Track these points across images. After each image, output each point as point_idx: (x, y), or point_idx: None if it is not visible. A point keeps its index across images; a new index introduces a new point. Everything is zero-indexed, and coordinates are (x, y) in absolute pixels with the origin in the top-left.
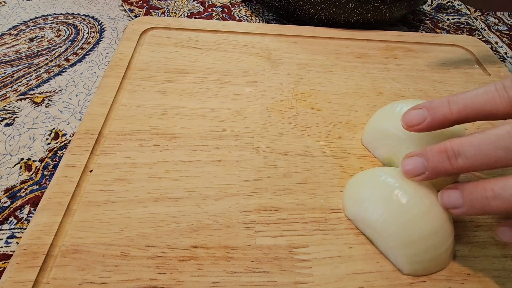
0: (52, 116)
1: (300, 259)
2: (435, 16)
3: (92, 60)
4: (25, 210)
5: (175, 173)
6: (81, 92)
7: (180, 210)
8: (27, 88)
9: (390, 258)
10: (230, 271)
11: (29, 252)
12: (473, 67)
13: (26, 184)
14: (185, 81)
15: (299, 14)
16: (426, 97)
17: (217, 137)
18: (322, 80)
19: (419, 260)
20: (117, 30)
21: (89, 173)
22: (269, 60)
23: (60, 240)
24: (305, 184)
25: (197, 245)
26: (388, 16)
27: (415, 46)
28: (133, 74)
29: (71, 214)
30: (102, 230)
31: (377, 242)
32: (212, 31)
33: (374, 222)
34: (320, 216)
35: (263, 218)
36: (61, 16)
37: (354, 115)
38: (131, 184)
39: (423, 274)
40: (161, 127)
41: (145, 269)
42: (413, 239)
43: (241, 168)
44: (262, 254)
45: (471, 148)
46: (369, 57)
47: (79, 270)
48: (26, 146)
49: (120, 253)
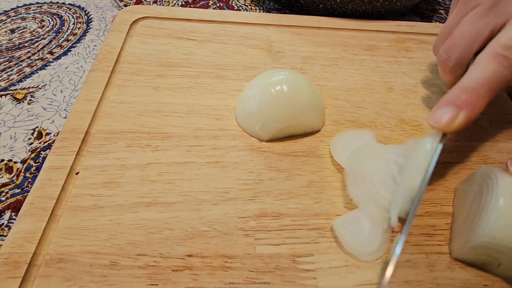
0: (35, 114)
1: (304, 269)
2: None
3: (78, 53)
4: (6, 215)
5: (168, 176)
6: (67, 88)
7: (173, 215)
8: (8, 83)
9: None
10: (228, 282)
11: (10, 262)
12: None
13: (7, 188)
14: (179, 76)
15: (303, 3)
16: (441, 93)
17: (214, 137)
18: (327, 75)
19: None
20: (105, 21)
21: (75, 176)
22: (270, 52)
23: (44, 248)
24: (309, 187)
25: (192, 253)
26: (399, 5)
27: (429, 38)
28: (122, 68)
29: (56, 220)
30: (89, 238)
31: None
32: (209, 21)
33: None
34: (326, 223)
35: (264, 225)
36: (45, 6)
37: (363, 112)
38: (120, 187)
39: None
40: (153, 125)
41: (136, 280)
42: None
43: (240, 170)
44: (262, 264)
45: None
46: (379, 49)
47: (65, 281)
48: (7, 146)
49: (108, 262)
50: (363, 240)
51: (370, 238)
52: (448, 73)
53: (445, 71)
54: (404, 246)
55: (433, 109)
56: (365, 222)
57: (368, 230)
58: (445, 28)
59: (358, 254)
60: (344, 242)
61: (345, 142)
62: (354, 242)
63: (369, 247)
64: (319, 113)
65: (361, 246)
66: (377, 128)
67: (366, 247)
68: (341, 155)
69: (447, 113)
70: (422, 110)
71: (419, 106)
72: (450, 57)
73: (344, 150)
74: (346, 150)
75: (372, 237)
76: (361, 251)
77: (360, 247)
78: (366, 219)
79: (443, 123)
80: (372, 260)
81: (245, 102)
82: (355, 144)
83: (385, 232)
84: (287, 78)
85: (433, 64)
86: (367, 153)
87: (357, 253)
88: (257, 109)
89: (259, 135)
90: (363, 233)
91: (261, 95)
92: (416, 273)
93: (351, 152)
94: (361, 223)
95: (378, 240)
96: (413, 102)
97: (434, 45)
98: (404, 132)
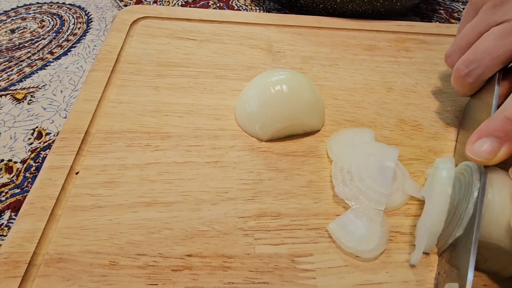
0: (35, 114)
1: (303, 269)
2: (450, 5)
3: (78, 53)
4: (6, 215)
5: (168, 176)
6: (67, 88)
7: (173, 215)
8: (8, 83)
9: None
10: (227, 281)
11: (10, 261)
12: None
13: (7, 188)
14: (179, 76)
15: (303, 3)
16: (441, 93)
17: (214, 137)
18: (327, 75)
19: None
20: (105, 21)
21: (75, 176)
22: (270, 52)
23: (43, 248)
24: (308, 187)
25: (192, 253)
26: (399, 5)
27: (429, 38)
28: (122, 68)
29: (56, 220)
30: (89, 237)
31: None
32: (209, 21)
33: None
34: (325, 223)
35: (263, 225)
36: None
37: (362, 112)
38: (120, 187)
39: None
40: (152, 125)
41: (135, 280)
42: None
43: (240, 170)
44: (262, 264)
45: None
46: (379, 49)
47: (64, 280)
48: (7, 146)
49: (108, 262)
50: (361, 238)
51: (368, 235)
52: (466, 87)
53: (462, 85)
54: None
55: (471, 138)
56: (360, 220)
57: (365, 227)
58: (462, 39)
59: (359, 253)
60: (343, 244)
61: (342, 139)
62: (353, 243)
63: (369, 244)
64: (318, 113)
65: (361, 244)
66: (376, 128)
67: (366, 245)
68: (335, 151)
69: (488, 145)
70: (422, 110)
71: (419, 106)
72: (471, 72)
73: (339, 147)
74: (341, 146)
75: (370, 234)
76: (361, 250)
77: (359, 245)
78: (360, 216)
79: (484, 156)
80: (375, 256)
81: (245, 102)
82: (352, 142)
83: (382, 226)
84: (287, 78)
85: (433, 64)
86: (358, 150)
87: (358, 252)
88: (257, 109)
89: (258, 135)
90: (360, 231)
91: (261, 95)
92: (416, 273)
93: (343, 148)
94: (356, 222)
95: (377, 235)
96: (413, 102)
97: (448, 54)
98: (404, 132)
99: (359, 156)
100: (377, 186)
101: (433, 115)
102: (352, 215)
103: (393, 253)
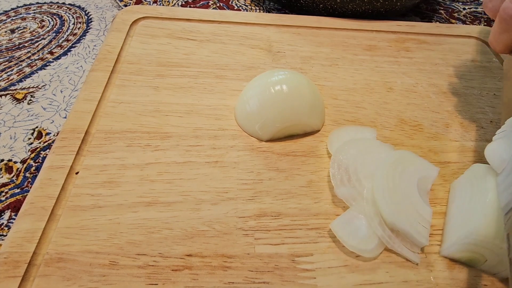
0: (35, 114)
1: (303, 269)
2: (450, 5)
3: (78, 53)
4: (6, 215)
5: (168, 176)
6: (66, 88)
7: (173, 215)
8: (8, 83)
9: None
10: (227, 281)
11: (10, 261)
12: (491, 60)
13: (7, 188)
14: (179, 76)
15: (303, 3)
16: (441, 93)
17: (214, 137)
18: (327, 75)
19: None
20: (105, 21)
21: (75, 175)
22: (270, 52)
23: (43, 248)
24: (308, 187)
25: (192, 253)
26: (399, 5)
27: (429, 38)
28: (122, 68)
29: (56, 220)
30: (89, 237)
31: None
32: (209, 21)
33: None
34: (325, 222)
35: (263, 224)
36: (45, 6)
37: (362, 112)
38: (120, 187)
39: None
40: (153, 125)
41: (135, 280)
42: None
43: (240, 170)
44: (262, 263)
45: None
46: (379, 49)
47: (64, 280)
48: (7, 146)
49: (108, 262)
50: (363, 238)
51: (369, 235)
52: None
53: (507, 30)
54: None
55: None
56: (360, 219)
57: (365, 227)
58: None
59: (361, 252)
60: (345, 242)
61: (343, 136)
62: (355, 241)
63: (369, 243)
64: (318, 113)
65: (362, 243)
66: (376, 128)
67: (367, 244)
68: (335, 146)
69: None
70: (422, 110)
71: (419, 106)
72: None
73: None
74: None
75: (370, 233)
76: (363, 249)
77: (361, 245)
78: (360, 216)
79: None
80: (375, 255)
81: (245, 102)
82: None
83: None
84: (287, 78)
85: (433, 64)
86: (356, 147)
87: (360, 251)
88: (257, 109)
89: (258, 135)
90: (361, 230)
91: (261, 95)
92: (416, 273)
93: (342, 144)
94: (357, 221)
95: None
96: (413, 102)
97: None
98: (404, 132)
99: (360, 154)
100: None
101: (433, 115)
102: (353, 214)
103: (393, 253)
